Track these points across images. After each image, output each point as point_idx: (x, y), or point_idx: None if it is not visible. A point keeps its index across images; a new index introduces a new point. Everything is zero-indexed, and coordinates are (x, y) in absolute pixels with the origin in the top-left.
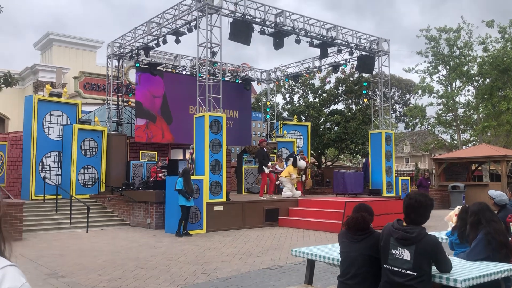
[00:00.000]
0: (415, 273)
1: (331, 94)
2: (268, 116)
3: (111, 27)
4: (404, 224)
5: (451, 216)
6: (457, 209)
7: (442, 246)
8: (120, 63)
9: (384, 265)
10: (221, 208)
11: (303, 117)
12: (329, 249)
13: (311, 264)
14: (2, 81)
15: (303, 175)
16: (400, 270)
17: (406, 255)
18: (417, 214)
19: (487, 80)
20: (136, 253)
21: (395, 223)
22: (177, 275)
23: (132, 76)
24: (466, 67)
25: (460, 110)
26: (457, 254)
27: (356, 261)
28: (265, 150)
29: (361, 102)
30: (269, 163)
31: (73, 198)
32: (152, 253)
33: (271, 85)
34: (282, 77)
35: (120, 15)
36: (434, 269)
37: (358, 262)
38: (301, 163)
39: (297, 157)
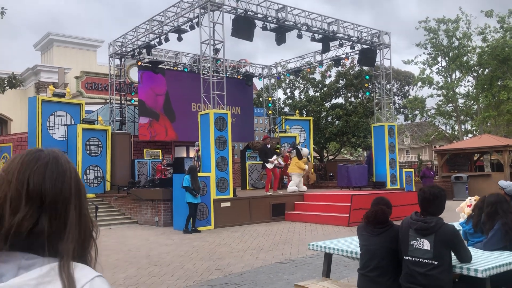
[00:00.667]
0: (435, 262)
1: (332, 88)
2: (270, 112)
3: (108, 25)
4: (421, 216)
5: (462, 207)
6: (468, 200)
7: (461, 235)
8: (122, 62)
9: (405, 257)
10: (228, 204)
11: (304, 112)
12: (345, 242)
13: (328, 257)
14: (6, 82)
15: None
16: (420, 260)
17: (426, 245)
18: (434, 207)
19: (487, 70)
20: (147, 250)
21: (413, 215)
22: (191, 271)
23: (133, 74)
24: (465, 58)
25: (460, 101)
26: (471, 244)
27: (376, 254)
28: (268, 146)
29: (360, 95)
30: (273, 157)
31: None
32: (163, 251)
33: (272, 81)
34: (283, 72)
35: (116, 12)
36: (454, 259)
37: (379, 254)
38: (304, 151)
39: (298, 146)
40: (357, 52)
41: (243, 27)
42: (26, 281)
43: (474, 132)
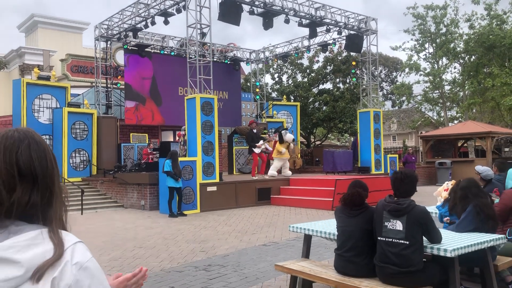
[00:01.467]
0: (407, 242)
1: (320, 73)
2: (258, 97)
3: (94, 6)
4: (395, 198)
5: (440, 192)
6: (445, 184)
7: (431, 216)
8: (108, 45)
9: (379, 238)
10: (214, 188)
11: (292, 97)
12: (324, 225)
13: (308, 239)
14: None
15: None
16: (393, 240)
17: (399, 225)
18: (404, 186)
19: (473, 57)
20: (133, 233)
21: (387, 198)
22: (176, 253)
23: (119, 58)
24: (452, 45)
25: (447, 88)
26: (446, 226)
27: (353, 235)
28: (254, 131)
29: (348, 81)
30: (260, 142)
31: (66, 181)
32: (149, 233)
33: (260, 65)
34: (271, 57)
35: None
36: (425, 240)
37: (355, 235)
38: (288, 137)
39: (282, 132)
40: (344, 38)
41: (230, 11)
42: (16, 242)
43: (460, 119)
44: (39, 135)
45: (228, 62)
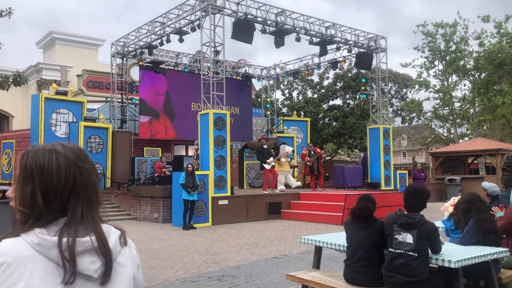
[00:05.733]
0: (416, 254)
1: (330, 89)
2: (268, 113)
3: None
4: (405, 212)
5: (446, 207)
6: (452, 200)
7: (439, 232)
8: (123, 61)
9: (390, 249)
10: (226, 202)
11: (302, 113)
12: (334, 237)
13: (318, 250)
14: (11, 80)
15: (307, 162)
16: (402, 252)
17: (409, 238)
18: (416, 201)
19: (483, 74)
20: (147, 245)
21: (397, 211)
22: (190, 264)
23: (134, 74)
24: (462, 62)
25: (457, 104)
26: (452, 240)
27: (361, 246)
28: (265, 146)
29: (358, 97)
30: (270, 159)
31: None
32: (163, 245)
33: (271, 82)
34: (282, 73)
35: (115, 8)
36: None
37: (363, 247)
38: (287, 149)
39: (281, 146)
40: (354, 55)
41: (243, 30)
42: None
43: (470, 136)
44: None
45: (240, 79)
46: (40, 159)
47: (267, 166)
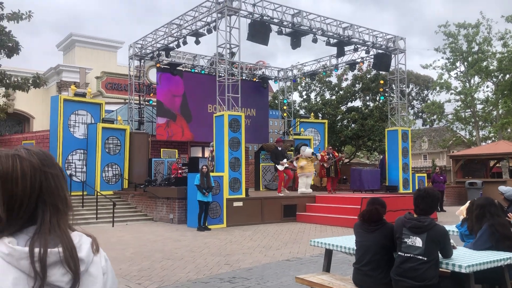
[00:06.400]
0: (425, 258)
1: (348, 91)
2: (285, 114)
3: (127, 23)
4: (415, 215)
5: (462, 211)
6: (468, 204)
7: (449, 235)
8: (141, 63)
9: (399, 253)
10: (240, 203)
11: (319, 115)
12: (345, 240)
13: (328, 253)
14: (31, 82)
15: (329, 168)
16: (412, 255)
17: (418, 242)
18: (425, 204)
19: (507, 76)
20: (161, 245)
21: (406, 215)
22: (202, 265)
23: (152, 75)
24: (485, 63)
25: (479, 107)
26: (466, 245)
27: (370, 249)
28: (279, 148)
29: (377, 99)
30: (284, 160)
31: (98, 194)
32: (177, 246)
33: (288, 83)
34: (299, 75)
35: (135, 11)
36: (440, 257)
37: (372, 250)
38: (306, 152)
39: (301, 148)
40: (372, 56)
41: (259, 31)
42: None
43: (493, 138)
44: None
45: (257, 80)
46: (4, 165)
47: (280, 168)
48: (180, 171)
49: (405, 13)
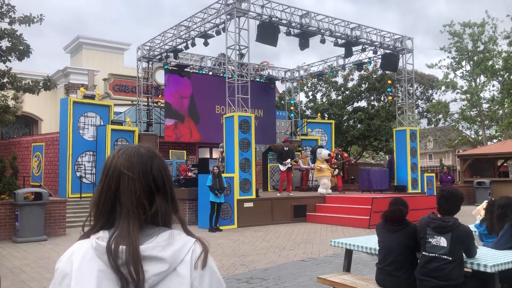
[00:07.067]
0: (450, 258)
1: (354, 91)
2: (292, 115)
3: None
4: (439, 215)
5: (479, 210)
6: (485, 203)
7: (473, 235)
8: (149, 65)
9: (423, 253)
10: (251, 204)
11: (326, 115)
12: (365, 240)
13: (349, 253)
14: (41, 85)
15: (336, 168)
16: (436, 255)
17: (443, 242)
18: (449, 204)
19: None
20: None
21: (430, 215)
22: (218, 266)
23: (159, 77)
24: (490, 62)
25: (485, 106)
26: (485, 244)
27: (393, 250)
28: (285, 149)
29: (383, 99)
30: (287, 160)
31: None
32: None
33: (295, 84)
34: (306, 75)
35: (140, 12)
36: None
37: (396, 250)
38: (323, 154)
39: (317, 150)
40: (380, 56)
41: (268, 32)
42: (159, 242)
43: (499, 138)
44: (156, 150)
45: (264, 81)
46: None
47: (282, 168)
48: (188, 172)
49: (408, 12)
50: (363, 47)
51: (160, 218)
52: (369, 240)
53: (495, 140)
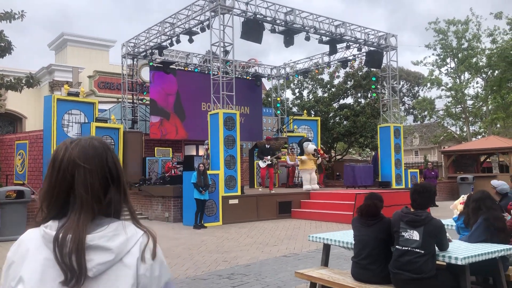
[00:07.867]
0: (422, 251)
1: (340, 88)
2: (278, 112)
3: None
4: (412, 209)
5: (456, 205)
6: (461, 198)
7: (445, 229)
8: (134, 62)
9: (396, 247)
10: (236, 201)
11: (312, 112)
12: (342, 235)
13: (326, 248)
14: (24, 82)
15: (319, 157)
16: (409, 249)
17: (416, 235)
18: (422, 199)
19: (496, 72)
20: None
21: (404, 209)
22: (200, 262)
23: (145, 74)
24: (474, 59)
25: (469, 102)
26: (461, 238)
27: (368, 244)
28: (267, 146)
29: (369, 96)
30: (267, 157)
31: None
32: (174, 244)
33: (281, 81)
34: (292, 72)
35: (125, 8)
36: (437, 249)
37: (370, 244)
38: (309, 148)
39: (304, 143)
40: (364, 54)
41: (252, 29)
42: (106, 232)
43: (483, 134)
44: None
45: (250, 78)
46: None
47: (261, 164)
48: (174, 169)
49: (396, 9)
50: (348, 44)
51: (112, 209)
52: (346, 235)
53: (479, 136)
